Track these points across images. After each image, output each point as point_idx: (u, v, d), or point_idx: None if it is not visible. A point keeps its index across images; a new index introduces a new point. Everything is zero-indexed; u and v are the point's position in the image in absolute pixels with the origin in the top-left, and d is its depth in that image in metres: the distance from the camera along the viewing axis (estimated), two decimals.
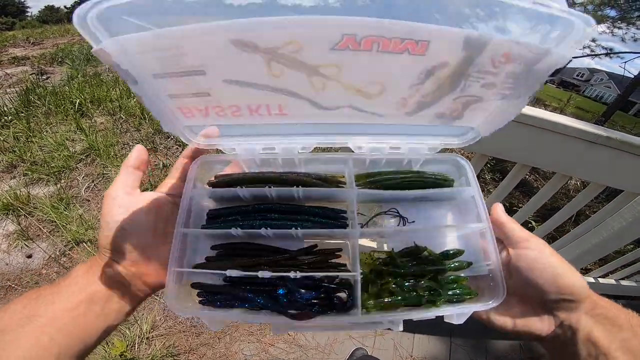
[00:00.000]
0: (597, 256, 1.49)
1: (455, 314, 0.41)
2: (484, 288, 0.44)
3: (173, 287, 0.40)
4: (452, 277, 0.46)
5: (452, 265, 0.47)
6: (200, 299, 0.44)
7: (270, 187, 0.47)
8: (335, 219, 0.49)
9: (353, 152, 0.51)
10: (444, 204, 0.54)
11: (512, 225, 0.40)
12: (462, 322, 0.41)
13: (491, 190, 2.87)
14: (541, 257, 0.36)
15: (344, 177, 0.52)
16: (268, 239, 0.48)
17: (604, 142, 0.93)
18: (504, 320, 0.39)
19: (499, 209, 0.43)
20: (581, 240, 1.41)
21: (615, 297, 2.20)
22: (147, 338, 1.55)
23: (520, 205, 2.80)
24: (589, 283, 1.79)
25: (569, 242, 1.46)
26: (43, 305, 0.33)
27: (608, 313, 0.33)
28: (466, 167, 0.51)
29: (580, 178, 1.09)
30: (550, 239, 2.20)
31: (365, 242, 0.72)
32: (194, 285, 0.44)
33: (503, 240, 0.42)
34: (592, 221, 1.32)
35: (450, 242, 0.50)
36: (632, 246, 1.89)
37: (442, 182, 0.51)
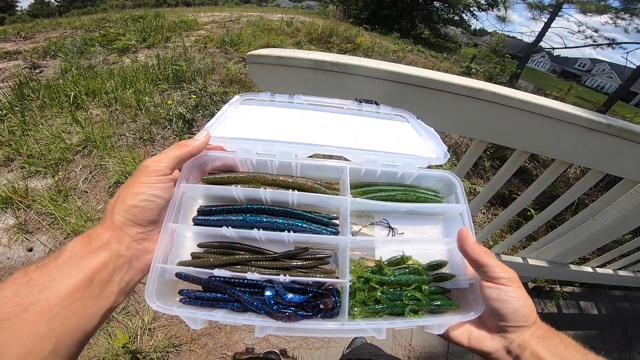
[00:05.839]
0: (595, 245, 1.49)
1: (436, 324, 0.43)
2: (461, 301, 0.47)
3: (154, 283, 0.39)
4: (433, 287, 0.48)
5: (438, 276, 0.49)
6: (182, 297, 0.43)
7: (265, 188, 0.47)
8: (328, 225, 0.49)
9: (349, 160, 0.52)
10: (433, 218, 0.57)
11: (490, 262, 0.41)
12: (441, 332, 0.43)
13: (490, 177, 2.87)
14: (511, 291, 0.39)
15: (338, 184, 0.54)
16: (258, 242, 0.48)
17: (603, 130, 0.92)
18: (460, 337, 0.43)
19: (469, 239, 0.43)
20: (580, 229, 1.41)
21: (612, 288, 2.22)
22: (149, 329, 1.56)
23: (519, 192, 2.80)
24: (587, 273, 1.80)
25: (567, 231, 1.46)
26: (36, 291, 0.31)
27: (546, 334, 0.40)
28: (456, 184, 0.53)
29: (579, 165, 1.09)
30: (549, 227, 2.21)
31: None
32: (179, 275, 0.43)
33: (475, 270, 0.43)
34: (590, 209, 1.32)
35: (437, 254, 0.53)
36: (630, 236, 1.90)
37: (432, 197, 0.54)
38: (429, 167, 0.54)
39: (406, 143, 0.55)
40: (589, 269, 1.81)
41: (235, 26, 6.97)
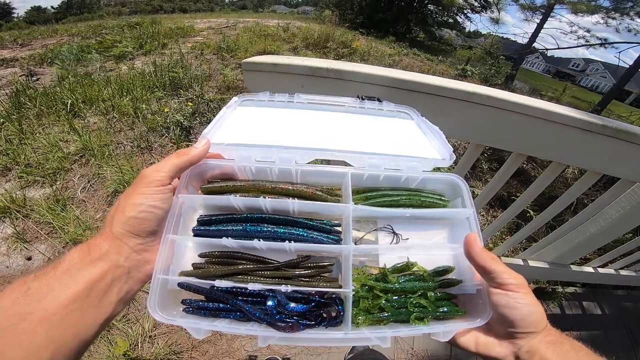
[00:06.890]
0: (596, 245, 1.49)
1: (442, 331, 0.42)
2: (468, 306, 0.46)
3: (157, 294, 0.39)
4: (439, 293, 0.47)
5: (444, 282, 0.48)
6: (185, 307, 0.43)
7: (265, 197, 0.46)
8: (330, 232, 0.48)
9: (351, 165, 0.51)
10: (439, 222, 0.55)
11: (498, 268, 0.40)
12: (448, 339, 0.42)
13: (488, 179, 2.88)
14: (520, 297, 0.39)
15: (340, 189, 0.53)
16: (260, 251, 0.48)
17: (598, 130, 0.93)
18: (467, 343, 0.42)
19: (476, 246, 0.42)
20: (580, 230, 1.41)
21: (614, 287, 2.21)
22: (150, 337, 1.55)
23: (518, 194, 2.81)
24: (588, 273, 1.80)
25: (567, 232, 1.46)
26: (34, 300, 0.32)
27: (556, 340, 0.39)
28: (462, 187, 0.51)
29: (576, 166, 1.09)
30: (549, 228, 2.21)
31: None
32: (181, 285, 0.43)
33: (482, 277, 0.42)
34: (590, 210, 1.33)
35: (443, 260, 0.51)
36: (630, 235, 1.90)
37: (438, 202, 0.53)
38: (434, 169, 0.53)
39: (410, 143, 0.53)
40: (590, 269, 1.80)
41: (232, 32, 7.00)
